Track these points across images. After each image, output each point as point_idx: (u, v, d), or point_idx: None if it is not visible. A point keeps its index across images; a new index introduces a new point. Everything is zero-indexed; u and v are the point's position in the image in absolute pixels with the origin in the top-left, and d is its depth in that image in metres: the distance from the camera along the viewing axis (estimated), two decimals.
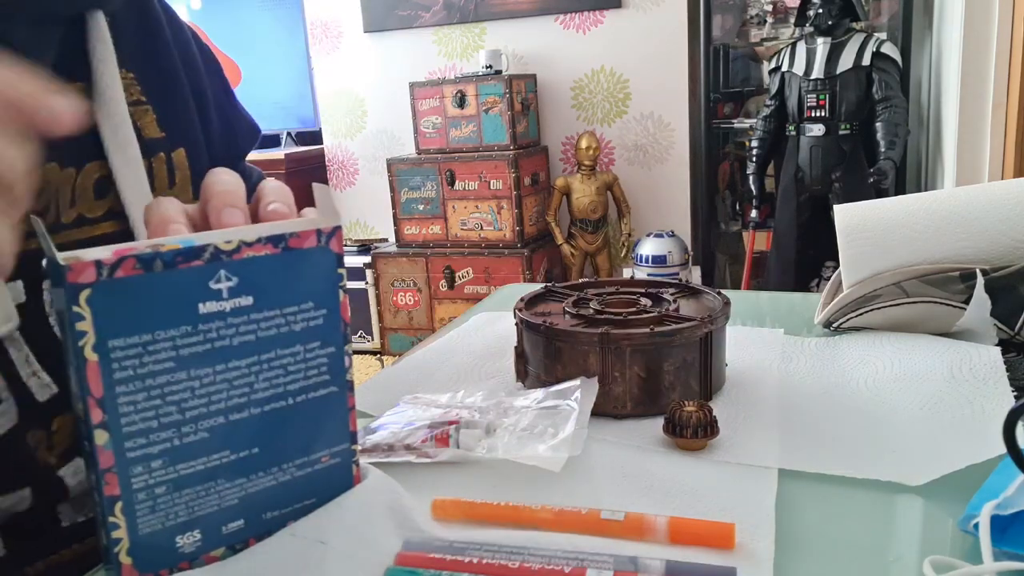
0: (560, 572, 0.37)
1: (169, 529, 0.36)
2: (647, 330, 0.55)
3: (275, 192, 0.42)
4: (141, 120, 0.54)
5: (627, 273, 2.99)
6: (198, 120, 0.59)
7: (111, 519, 0.34)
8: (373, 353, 3.20)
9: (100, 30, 0.51)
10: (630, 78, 3.01)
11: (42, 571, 0.50)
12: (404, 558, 0.39)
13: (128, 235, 0.51)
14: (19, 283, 0.47)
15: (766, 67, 2.71)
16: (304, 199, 0.50)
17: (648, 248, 2.80)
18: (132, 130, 0.52)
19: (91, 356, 0.33)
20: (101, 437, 0.34)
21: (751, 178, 2.63)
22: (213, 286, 0.35)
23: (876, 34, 2.44)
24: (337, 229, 0.39)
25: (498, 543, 0.39)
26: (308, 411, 0.39)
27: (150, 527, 0.36)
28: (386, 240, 3.30)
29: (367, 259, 3.12)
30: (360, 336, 3.23)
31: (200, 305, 0.35)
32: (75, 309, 0.32)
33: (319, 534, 0.39)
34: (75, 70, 0.51)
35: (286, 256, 0.37)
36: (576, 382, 0.54)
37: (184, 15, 3.39)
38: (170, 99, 0.57)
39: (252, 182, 0.66)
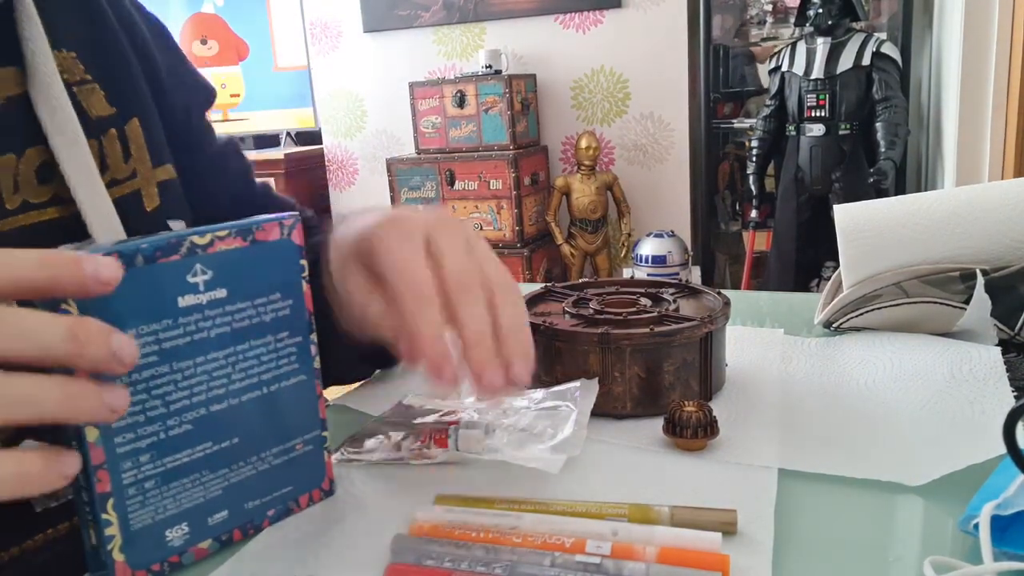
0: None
1: (159, 523, 0.37)
2: (647, 330, 0.55)
3: (514, 342, 0.43)
4: (88, 99, 0.53)
5: (627, 273, 2.99)
6: (149, 91, 0.58)
7: (104, 516, 0.35)
8: None
9: (27, 10, 0.50)
10: (630, 78, 3.01)
11: (16, 556, 0.49)
12: (395, 570, 0.39)
13: (76, 219, 0.50)
14: None
15: (765, 67, 2.71)
16: (304, 198, 0.51)
17: (648, 248, 2.80)
18: (72, 110, 0.51)
19: None
20: (92, 434, 0.34)
21: (751, 178, 2.63)
22: (190, 280, 0.36)
23: (876, 34, 2.44)
24: (297, 221, 0.41)
25: (487, 557, 0.38)
26: (281, 400, 0.41)
27: (141, 522, 0.36)
28: None
29: None
30: None
31: (179, 299, 0.36)
32: (63, 307, 0.33)
33: (304, 568, 0.40)
34: (6, 54, 0.50)
35: (253, 248, 0.39)
36: (576, 383, 0.54)
37: None
38: (118, 74, 0.56)
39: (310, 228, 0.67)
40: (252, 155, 3.40)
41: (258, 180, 0.71)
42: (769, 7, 2.82)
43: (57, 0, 0.54)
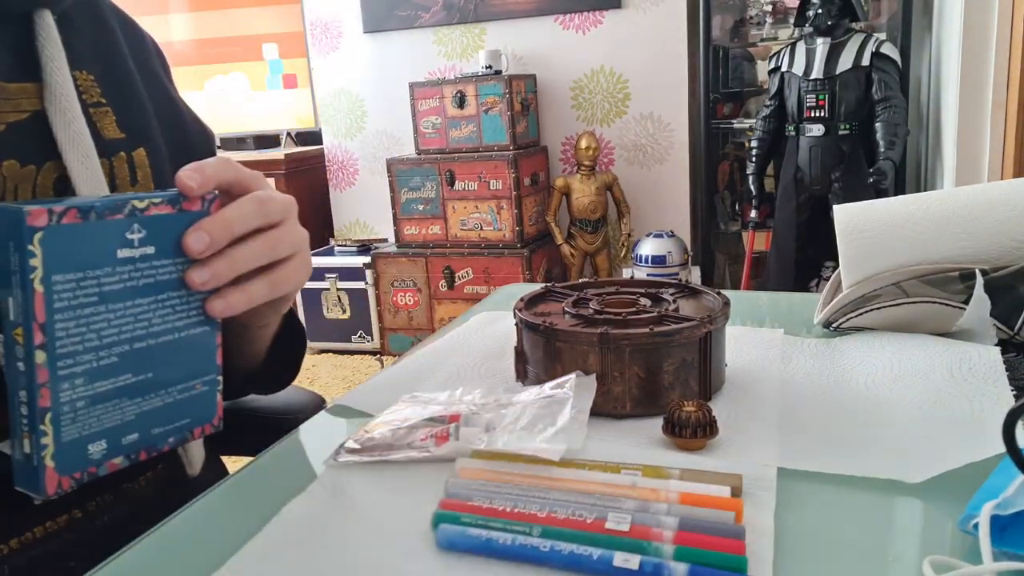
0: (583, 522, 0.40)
1: (84, 438, 0.43)
2: (646, 330, 0.55)
3: (215, 164, 0.47)
4: (101, 121, 0.56)
5: (627, 273, 2.99)
6: (156, 123, 0.61)
7: (41, 427, 0.40)
8: (373, 353, 3.20)
9: (48, 29, 0.53)
10: (630, 78, 3.01)
11: (16, 549, 0.51)
12: (447, 504, 0.43)
13: None
14: None
15: (764, 67, 2.71)
16: (304, 198, 0.53)
17: (648, 248, 2.80)
18: (85, 126, 0.53)
19: (39, 287, 0.39)
20: (40, 356, 0.40)
21: (751, 178, 2.63)
22: (128, 236, 0.43)
23: (875, 34, 2.44)
24: (216, 197, 0.47)
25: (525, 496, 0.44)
26: (188, 344, 0.47)
27: (70, 436, 0.42)
28: (386, 240, 3.30)
29: (367, 259, 3.12)
30: (360, 336, 3.23)
31: (118, 251, 0.43)
32: (29, 247, 0.38)
33: (307, 568, 0.40)
34: (26, 69, 0.52)
35: (179, 216, 0.45)
36: (571, 376, 0.54)
37: None
38: (128, 102, 0.59)
39: None
40: (253, 155, 3.40)
41: None
42: (769, 7, 2.82)
43: (77, 22, 0.56)
